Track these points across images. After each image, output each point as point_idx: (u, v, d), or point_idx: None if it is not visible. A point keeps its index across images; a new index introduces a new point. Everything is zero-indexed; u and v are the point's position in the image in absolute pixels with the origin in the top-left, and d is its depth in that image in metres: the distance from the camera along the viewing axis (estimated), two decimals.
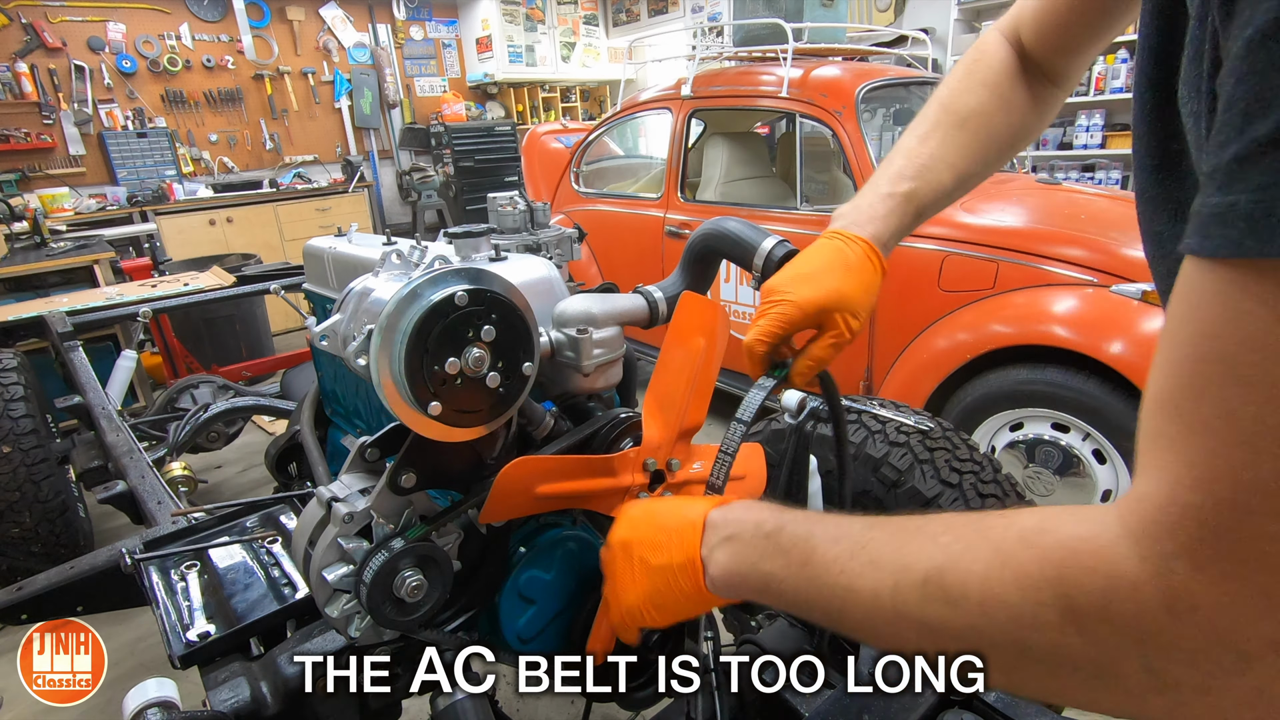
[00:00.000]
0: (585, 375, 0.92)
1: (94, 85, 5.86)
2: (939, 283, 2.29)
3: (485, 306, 0.69)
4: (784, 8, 3.02)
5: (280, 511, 1.27)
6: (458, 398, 0.70)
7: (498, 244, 1.05)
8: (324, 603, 0.76)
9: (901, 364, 2.38)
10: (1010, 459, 2.12)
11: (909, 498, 1.17)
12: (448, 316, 0.67)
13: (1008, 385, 2.04)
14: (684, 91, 3.09)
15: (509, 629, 0.94)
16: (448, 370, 0.68)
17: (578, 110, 8.57)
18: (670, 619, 0.63)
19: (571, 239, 1.30)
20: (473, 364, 0.69)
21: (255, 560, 1.16)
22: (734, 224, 1.01)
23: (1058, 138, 5.24)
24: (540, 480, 0.76)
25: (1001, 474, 1.22)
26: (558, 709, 1.74)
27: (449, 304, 0.67)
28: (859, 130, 2.50)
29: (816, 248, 0.76)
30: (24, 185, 5.62)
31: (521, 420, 0.87)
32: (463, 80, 8.04)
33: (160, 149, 6.12)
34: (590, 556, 1.00)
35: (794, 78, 2.68)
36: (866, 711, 0.87)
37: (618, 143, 4.18)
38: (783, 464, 1.20)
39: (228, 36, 6.47)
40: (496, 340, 0.71)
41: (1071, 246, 2.10)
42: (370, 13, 7.32)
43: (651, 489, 0.86)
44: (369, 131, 7.55)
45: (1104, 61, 4.84)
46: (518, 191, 1.37)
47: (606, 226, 3.43)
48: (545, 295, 0.99)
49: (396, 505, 0.78)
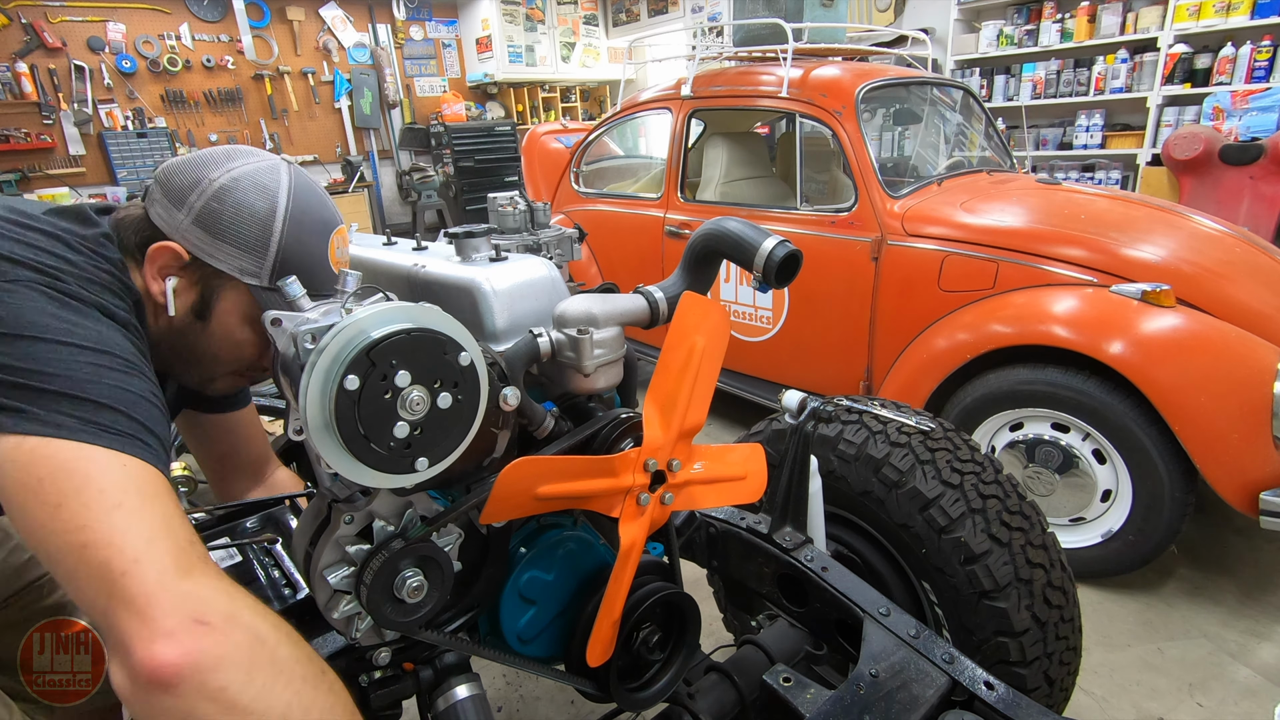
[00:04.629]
0: (586, 375, 0.92)
1: (94, 85, 5.86)
2: (939, 283, 2.29)
3: (380, 364, 0.62)
4: (784, 8, 3.02)
5: (280, 512, 1.27)
6: (432, 435, 0.67)
7: (498, 244, 1.05)
8: (325, 603, 0.76)
9: (901, 364, 2.38)
10: (1010, 459, 2.12)
11: (910, 498, 1.17)
12: (358, 401, 0.61)
13: (1008, 385, 2.04)
14: (684, 91, 3.08)
15: (509, 630, 0.94)
16: (398, 435, 0.64)
17: (578, 110, 8.57)
18: None
19: (572, 239, 1.30)
20: (416, 408, 0.65)
21: (255, 561, 1.15)
22: (735, 224, 1.01)
23: (1058, 138, 5.24)
24: (541, 481, 0.76)
25: (1003, 474, 1.22)
26: (558, 709, 1.74)
27: (350, 393, 0.61)
28: (859, 130, 2.49)
29: None
30: (24, 185, 5.62)
31: (522, 420, 0.87)
32: (463, 80, 8.04)
33: (160, 149, 6.12)
34: (591, 558, 1.00)
35: (794, 78, 2.68)
36: (867, 712, 0.87)
37: (618, 143, 4.17)
38: (783, 464, 1.20)
39: (228, 36, 6.47)
40: (415, 372, 0.65)
41: (1071, 246, 2.10)
42: (370, 13, 7.32)
43: (652, 489, 0.86)
44: (369, 131, 7.55)
45: (1104, 61, 4.83)
46: (518, 191, 1.37)
47: (606, 226, 3.42)
48: (546, 295, 0.99)
49: (397, 506, 0.78)
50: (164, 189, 0.81)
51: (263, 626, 0.59)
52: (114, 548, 0.56)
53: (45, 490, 0.58)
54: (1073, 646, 1.16)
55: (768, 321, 2.84)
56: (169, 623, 0.54)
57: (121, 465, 0.61)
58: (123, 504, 0.59)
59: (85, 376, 0.63)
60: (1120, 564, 1.98)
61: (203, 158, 0.83)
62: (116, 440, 0.62)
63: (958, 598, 1.13)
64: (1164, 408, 1.77)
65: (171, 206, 0.80)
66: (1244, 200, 4.04)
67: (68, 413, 0.61)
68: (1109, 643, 1.87)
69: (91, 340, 0.66)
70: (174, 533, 0.60)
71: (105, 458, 0.61)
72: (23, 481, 0.58)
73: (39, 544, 0.58)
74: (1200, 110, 4.45)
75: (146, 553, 0.57)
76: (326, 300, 0.75)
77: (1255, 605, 1.98)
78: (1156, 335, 1.83)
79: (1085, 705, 1.67)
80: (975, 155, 3.11)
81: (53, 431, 0.60)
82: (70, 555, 0.56)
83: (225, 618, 0.57)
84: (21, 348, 0.62)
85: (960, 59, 5.54)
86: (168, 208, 0.81)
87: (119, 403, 0.64)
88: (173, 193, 0.81)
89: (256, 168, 0.84)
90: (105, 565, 0.55)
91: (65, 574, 0.57)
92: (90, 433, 0.61)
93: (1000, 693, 0.89)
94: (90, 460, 0.60)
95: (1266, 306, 1.97)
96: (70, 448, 0.60)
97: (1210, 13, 4.35)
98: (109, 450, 0.61)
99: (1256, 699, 1.68)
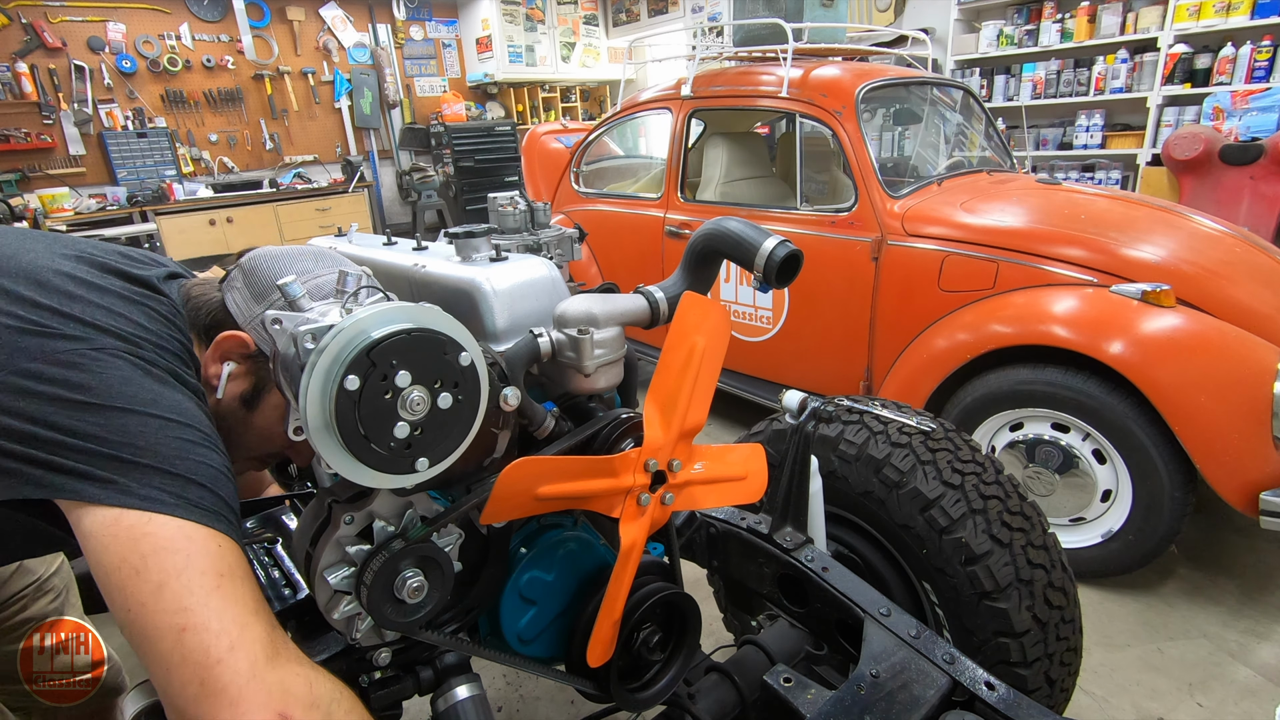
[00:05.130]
0: (586, 376, 0.92)
1: (94, 85, 5.86)
2: (939, 283, 2.29)
3: (380, 364, 0.62)
4: (784, 8, 3.02)
5: (281, 512, 1.27)
6: (432, 436, 0.67)
7: (498, 244, 1.05)
8: (325, 604, 0.75)
9: (901, 364, 2.38)
10: (1010, 459, 2.12)
11: (911, 499, 1.17)
12: (358, 401, 0.61)
13: (1008, 385, 2.04)
14: (684, 91, 3.08)
15: (510, 630, 0.94)
16: (398, 436, 0.64)
17: (578, 110, 8.57)
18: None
19: (572, 239, 1.30)
20: (416, 408, 0.65)
21: (255, 561, 1.15)
22: (735, 224, 1.01)
23: (1058, 138, 5.24)
24: (541, 481, 0.76)
25: (1003, 475, 1.22)
26: (558, 709, 1.74)
27: (351, 393, 0.61)
28: (859, 130, 2.49)
29: None
30: (24, 185, 5.62)
31: (523, 421, 0.87)
32: (463, 80, 8.04)
33: (160, 149, 6.12)
34: (591, 558, 1.00)
35: (794, 78, 2.68)
36: (868, 712, 0.87)
37: (618, 143, 4.17)
38: (783, 464, 1.20)
39: (228, 36, 6.47)
40: (415, 372, 0.64)
41: (1071, 246, 2.10)
42: (370, 13, 7.32)
43: (653, 490, 0.85)
44: (369, 131, 7.55)
45: (1104, 61, 4.83)
46: (518, 191, 1.37)
47: (606, 226, 3.42)
48: (546, 295, 0.99)
49: (397, 506, 0.78)
50: (247, 279, 0.81)
51: (336, 711, 0.62)
52: (211, 633, 0.57)
53: (149, 569, 0.58)
54: (1073, 647, 1.16)
55: (768, 321, 2.84)
56: (258, 717, 0.56)
57: (217, 545, 0.62)
58: (220, 587, 0.60)
59: (174, 451, 0.64)
60: (1120, 564, 1.98)
61: (288, 258, 0.83)
62: (208, 517, 0.63)
63: (958, 598, 1.13)
64: (1164, 408, 1.76)
65: (251, 299, 0.80)
66: (1244, 200, 4.04)
67: (160, 487, 0.61)
68: (1109, 643, 1.87)
69: (175, 412, 0.66)
70: (263, 616, 0.62)
71: (203, 536, 0.61)
72: (125, 558, 0.58)
73: (135, 621, 0.58)
74: (1200, 110, 4.45)
75: (240, 639, 0.58)
76: (327, 300, 0.75)
77: (1255, 605, 1.98)
78: (1156, 335, 1.82)
79: (1085, 705, 1.67)
80: (975, 155, 3.11)
81: (151, 506, 0.60)
82: (168, 637, 0.57)
83: (305, 706, 0.59)
84: (112, 419, 0.62)
85: (960, 59, 5.54)
86: (247, 299, 0.80)
87: (205, 478, 0.65)
88: (255, 286, 0.80)
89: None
90: (204, 651, 0.57)
91: (159, 655, 0.57)
92: (184, 509, 0.62)
93: (1001, 693, 0.89)
94: (190, 539, 0.60)
95: (1266, 306, 1.97)
96: (171, 524, 0.60)
97: (1210, 13, 4.35)
98: (204, 528, 0.62)
99: (1256, 699, 1.68)
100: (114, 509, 0.59)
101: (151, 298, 0.76)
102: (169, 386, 0.68)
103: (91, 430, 0.61)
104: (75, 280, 0.71)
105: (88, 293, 0.70)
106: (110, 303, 0.71)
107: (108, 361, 0.65)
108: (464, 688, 0.89)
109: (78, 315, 0.67)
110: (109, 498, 0.59)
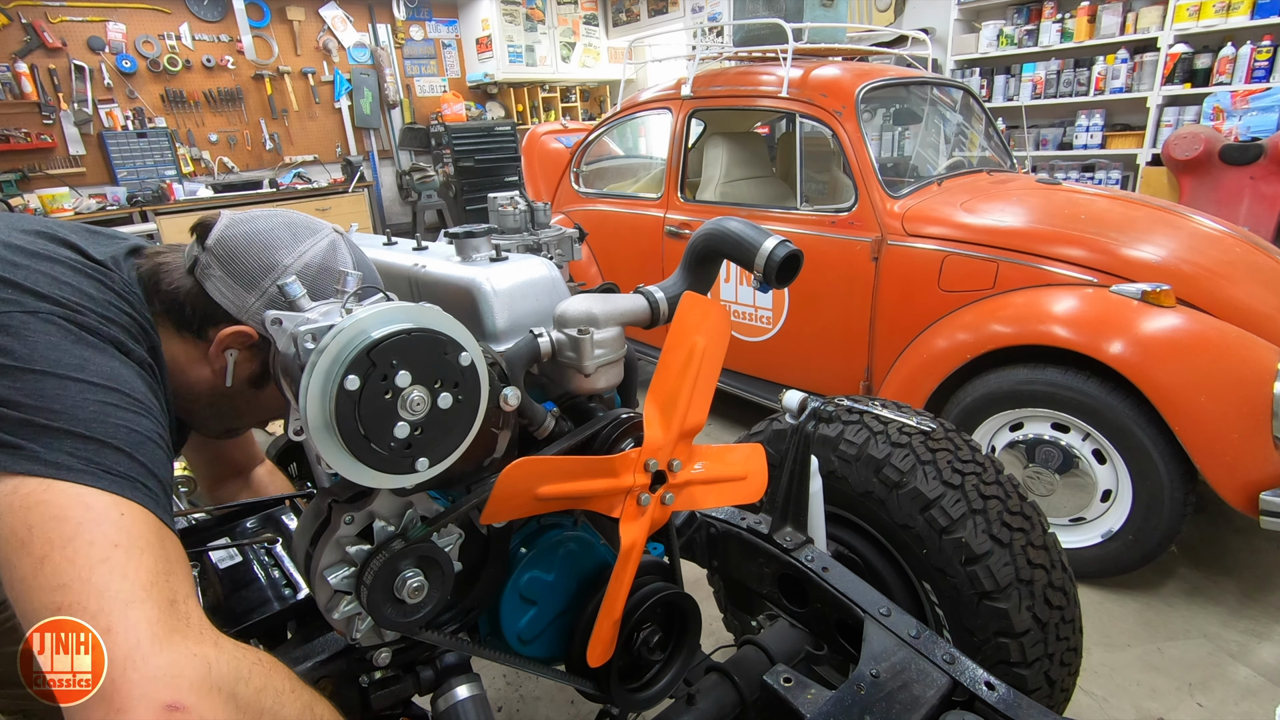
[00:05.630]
0: (586, 376, 0.92)
1: (94, 85, 5.86)
2: (939, 283, 2.29)
3: (380, 364, 0.62)
4: (784, 8, 3.02)
5: (281, 512, 1.27)
6: (433, 436, 0.67)
7: (498, 244, 1.05)
8: (325, 604, 0.75)
9: (901, 364, 2.38)
10: (1010, 459, 2.12)
11: (911, 499, 1.17)
12: (358, 401, 0.61)
13: (1008, 385, 2.04)
14: (684, 91, 3.08)
15: (510, 630, 0.94)
16: (398, 436, 0.64)
17: (578, 110, 8.57)
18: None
19: (572, 239, 1.30)
20: (417, 408, 0.64)
21: (255, 561, 1.15)
22: (735, 224, 1.01)
23: (1058, 138, 5.24)
24: (541, 481, 0.76)
25: (1004, 475, 1.22)
26: (558, 709, 1.74)
27: (351, 393, 0.60)
28: (859, 130, 2.49)
29: None
30: (24, 185, 5.62)
31: (523, 421, 0.87)
32: (463, 80, 8.03)
33: (160, 149, 6.12)
34: (591, 558, 1.00)
35: (794, 78, 2.68)
36: (868, 712, 0.87)
37: (618, 143, 4.17)
38: (783, 464, 1.20)
39: (228, 36, 6.46)
40: (415, 372, 0.64)
41: (1071, 246, 2.10)
42: (370, 13, 7.32)
43: (653, 490, 0.85)
44: (369, 131, 7.54)
45: (1104, 61, 4.83)
46: (518, 191, 1.37)
47: (607, 226, 3.42)
48: (546, 295, 0.99)
49: (397, 506, 0.78)
50: (226, 268, 0.79)
51: (243, 690, 0.55)
52: (89, 614, 0.52)
53: (34, 541, 0.54)
54: (1073, 647, 1.16)
55: (768, 321, 2.84)
56: (138, 714, 0.50)
57: (119, 513, 0.58)
58: (109, 558, 0.55)
59: (92, 414, 0.61)
60: (1120, 564, 1.98)
61: (265, 238, 0.81)
62: (117, 483, 0.59)
63: (959, 598, 1.13)
64: (1164, 408, 1.76)
65: (240, 289, 0.79)
66: (1244, 200, 4.04)
67: (70, 452, 0.58)
68: (1109, 643, 1.87)
69: (102, 377, 0.64)
70: (156, 592, 0.55)
71: (103, 503, 0.58)
72: (14, 529, 0.55)
73: (19, 600, 0.54)
74: (1200, 110, 4.45)
75: (121, 621, 0.52)
76: (327, 300, 0.75)
77: (1255, 605, 1.98)
78: (1156, 335, 1.82)
79: (1085, 705, 1.67)
80: (975, 155, 3.11)
81: (52, 472, 0.57)
82: (45, 616, 0.53)
83: (201, 691, 0.52)
84: (30, 382, 0.60)
85: (960, 59, 5.54)
86: (235, 290, 0.79)
87: (124, 443, 0.62)
88: (241, 275, 0.79)
89: (324, 251, 0.84)
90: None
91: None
92: (91, 474, 0.58)
93: (1001, 693, 0.89)
94: (88, 507, 0.57)
95: (1266, 306, 1.97)
96: (69, 491, 0.57)
97: (1210, 13, 4.35)
98: (108, 494, 0.58)
99: (1256, 699, 1.68)
100: (15, 477, 0.56)
101: (104, 272, 0.75)
102: (104, 354, 0.66)
103: (6, 394, 0.59)
104: (24, 251, 0.70)
105: (34, 262, 0.69)
106: (58, 272, 0.69)
107: (37, 326, 0.63)
108: (464, 688, 0.89)
109: (17, 281, 0.65)
110: (11, 464, 0.56)
